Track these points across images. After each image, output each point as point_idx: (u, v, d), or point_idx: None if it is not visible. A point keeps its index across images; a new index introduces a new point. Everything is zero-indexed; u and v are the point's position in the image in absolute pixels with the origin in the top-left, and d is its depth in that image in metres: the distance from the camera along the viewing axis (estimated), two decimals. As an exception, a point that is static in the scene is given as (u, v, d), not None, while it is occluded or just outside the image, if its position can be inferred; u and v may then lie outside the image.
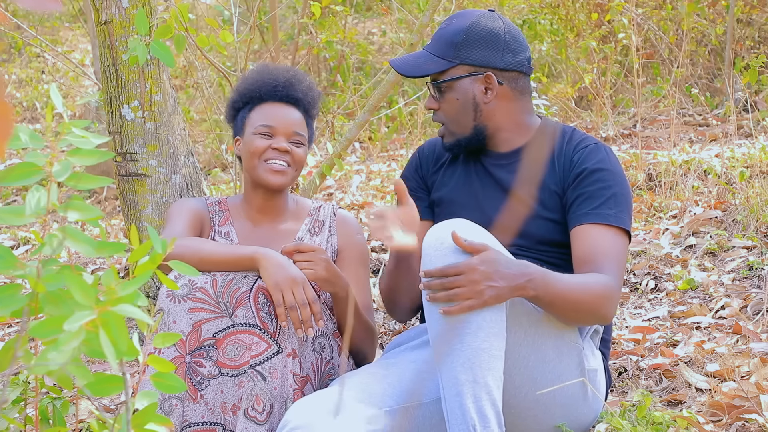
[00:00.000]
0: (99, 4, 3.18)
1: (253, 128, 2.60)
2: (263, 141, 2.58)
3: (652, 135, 5.47)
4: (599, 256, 2.35)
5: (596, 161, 2.45)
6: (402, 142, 6.19)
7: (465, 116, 2.50)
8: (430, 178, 2.64)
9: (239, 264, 2.40)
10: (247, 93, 2.66)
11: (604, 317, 2.31)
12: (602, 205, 2.40)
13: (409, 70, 2.53)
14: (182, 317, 2.36)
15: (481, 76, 2.47)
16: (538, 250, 2.45)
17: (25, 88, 8.35)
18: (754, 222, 3.76)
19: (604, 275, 2.31)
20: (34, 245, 4.76)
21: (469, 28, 2.47)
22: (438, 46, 2.50)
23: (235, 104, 2.69)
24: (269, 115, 2.61)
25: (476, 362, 2.10)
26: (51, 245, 1.35)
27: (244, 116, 2.65)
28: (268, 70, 2.69)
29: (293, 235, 2.65)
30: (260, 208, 2.65)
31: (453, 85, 2.48)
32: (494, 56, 2.47)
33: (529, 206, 2.49)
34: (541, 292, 2.18)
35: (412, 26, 6.72)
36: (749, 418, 2.44)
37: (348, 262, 2.65)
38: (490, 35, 2.47)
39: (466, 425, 2.08)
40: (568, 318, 2.29)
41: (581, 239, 2.39)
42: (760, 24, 6.70)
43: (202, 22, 7.54)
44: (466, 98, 2.48)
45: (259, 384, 2.33)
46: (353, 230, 2.69)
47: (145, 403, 1.43)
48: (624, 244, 2.40)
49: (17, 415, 2.32)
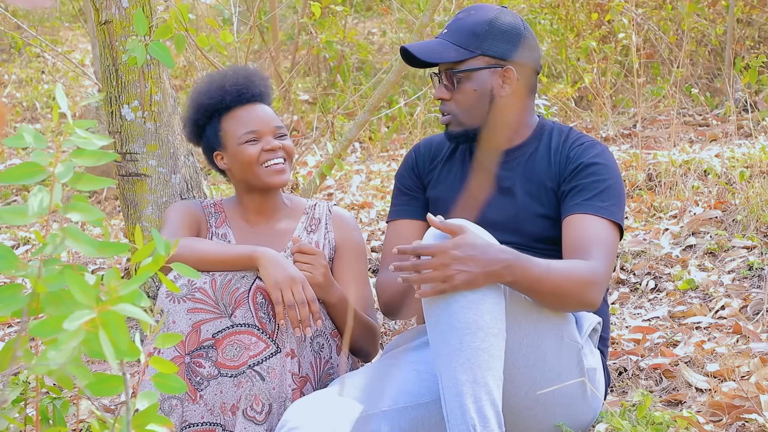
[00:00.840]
0: (99, 4, 3.18)
1: (237, 139, 2.57)
2: (254, 147, 2.56)
3: (652, 135, 5.47)
4: (587, 243, 2.35)
5: (591, 156, 2.47)
6: (402, 142, 6.19)
7: (479, 108, 2.49)
8: (426, 176, 2.63)
9: (238, 263, 2.40)
10: (210, 106, 2.61)
11: (588, 303, 2.30)
12: (595, 197, 2.41)
13: (427, 55, 2.50)
14: (182, 318, 2.36)
15: (500, 69, 2.48)
16: (534, 248, 2.46)
17: (25, 88, 8.35)
18: (754, 222, 3.76)
19: (589, 261, 2.31)
20: (34, 245, 4.76)
21: (492, 20, 2.48)
22: (458, 36, 2.49)
23: (198, 121, 2.64)
24: (246, 120, 2.58)
25: (476, 362, 2.10)
26: (52, 245, 1.35)
27: (216, 130, 2.61)
28: (220, 78, 2.64)
29: (290, 234, 2.65)
30: (256, 209, 2.65)
31: (471, 75, 2.48)
32: (514, 51, 2.47)
33: (525, 204, 2.50)
34: (519, 277, 2.17)
35: (412, 26, 6.72)
36: (749, 418, 2.44)
37: (346, 258, 2.65)
38: (511, 29, 2.48)
39: (466, 425, 2.09)
40: (550, 304, 2.28)
41: (571, 228, 2.41)
42: (760, 24, 6.70)
43: (202, 22, 7.54)
44: (484, 90, 2.48)
45: (257, 384, 2.33)
46: (350, 227, 2.69)
47: (146, 403, 1.43)
48: (614, 235, 2.40)
49: (17, 415, 2.32)
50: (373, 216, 4.73)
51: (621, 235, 2.44)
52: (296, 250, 2.44)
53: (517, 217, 2.50)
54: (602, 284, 2.32)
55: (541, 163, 2.52)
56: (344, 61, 7.13)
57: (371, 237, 4.40)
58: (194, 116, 2.64)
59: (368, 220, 4.70)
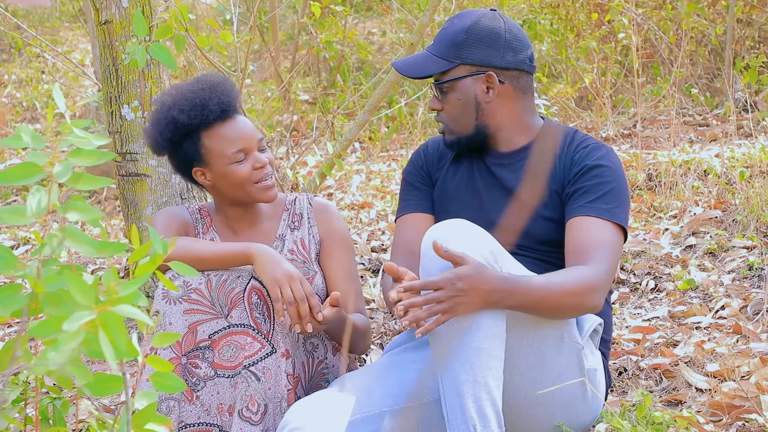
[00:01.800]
0: (99, 4, 3.18)
1: (225, 158, 2.47)
2: (244, 167, 2.48)
3: (652, 135, 5.47)
4: (590, 247, 2.34)
5: (596, 158, 2.46)
6: (402, 142, 6.19)
7: (467, 116, 2.50)
8: (435, 173, 2.64)
9: (233, 260, 2.39)
10: (190, 125, 2.48)
11: (589, 308, 2.30)
12: (599, 200, 2.41)
13: (411, 71, 2.53)
14: (178, 319, 2.36)
15: (482, 75, 2.47)
16: (538, 251, 2.46)
17: (25, 88, 8.35)
18: (754, 222, 3.76)
19: (588, 266, 2.30)
20: (34, 245, 4.76)
21: (470, 27, 2.47)
22: (440, 47, 2.50)
23: (173, 138, 2.49)
24: (232, 138, 2.49)
25: (476, 362, 2.10)
26: (51, 245, 1.35)
27: (196, 147, 2.49)
28: (197, 93, 2.50)
29: (273, 234, 2.63)
30: (239, 218, 2.61)
31: (455, 85, 2.48)
32: (495, 55, 2.47)
33: (530, 206, 2.50)
34: (518, 303, 2.17)
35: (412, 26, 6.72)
36: (749, 418, 2.44)
37: (331, 250, 2.62)
38: (490, 34, 2.47)
39: (466, 425, 2.09)
40: (552, 317, 2.29)
41: (574, 230, 2.40)
42: (760, 24, 6.70)
43: (202, 22, 7.54)
44: (468, 98, 2.48)
45: (253, 384, 2.33)
46: (332, 217, 2.66)
47: (145, 403, 1.43)
48: (617, 238, 2.39)
49: (17, 415, 2.32)
50: (373, 216, 4.73)
51: (625, 237, 2.44)
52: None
53: (521, 219, 2.50)
54: (603, 289, 2.31)
55: (545, 165, 2.52)
56: (344, 61, 7.13)
57: (371, 237, 4.39)
58: (168, 133, 2.49)
59: (368, 220, 4.70)
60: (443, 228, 2.19)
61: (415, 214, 2.60)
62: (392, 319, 3.54)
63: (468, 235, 2.18)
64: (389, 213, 4.70)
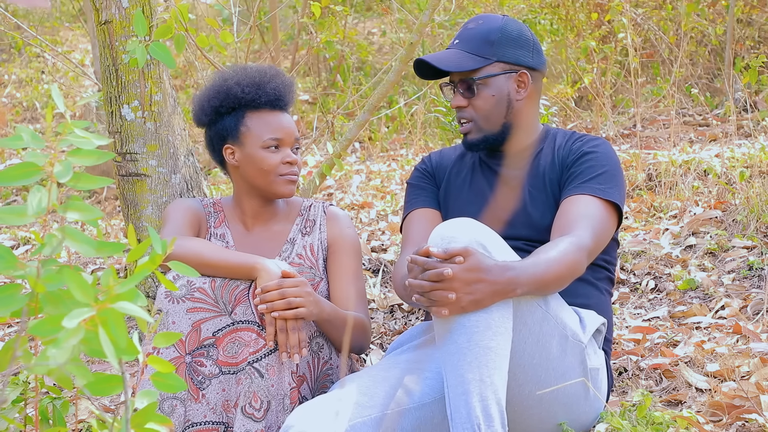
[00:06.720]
0: (99, 4, 3.18)
1: (260, 141, 2.55)
2: (274, 156, 2.55)
3: (652, 135, 5.47)
4: (573, 219, 2.40)
5: (591, 146, 2.55)
6: (402, 142, 6.19)
7: (497, 113, 2.57)
8: (439, 176, 2.71)
9: (240, 271, 2.41)
10: (242, 99, 2.56)
11: (579, 274, 2.34)
12: (591, 180, 2.48)
13: (447, 65, 2.55)
14: (181, 317, 2.37)
15: (515, 74, 2.56)
16: (545, 240, 2.48)
17: (25, 88, 8.35)
18: (754, 222, 3.76)
19: (569, 235, 2.34)
20: (34, 245, 4.76)
21: (503, 27, 2.56)
22: (472, 45, 2.56)
23: (220, 109, 2.58)
24: (274, 125, 2.57)
25: (483, 361, 2.10)
26: (51, 245, 1.35)
27: (237, 123, 2.57)
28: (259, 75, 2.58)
29: (285, 236, 2.65)
30: (254, 213, 2.65)
31: (488, 81, 2.56)
32: (526, 55, 2.57)
33: (533, 198, 2.56)
34: (525, 288, 2.18)
35: (412, 26, 6.72)
36: (749, 418, 2.44)
37: (338, 255, 2.64)
38: (521, 35, 2.58)
39: (470, 424, 2.08)
40: (556, 291, 2.32)
41: (563, 208, 2.46)
42: (760, 24, 6.70)
43: (202, 22, 7.55)
44: (501, 95, 2.56)
45: (256, 381, 2.34)
46: (343, 224, 2.69)
47: (145, 402, 1.43)
48: (606, 213, 2.44)
49: (17, 415, 2.32)
50: (373, 216, 4.73)
51: (620, 218, 2.47)
52: (282, 275, 2.42)
53: (526, 211, 2.54)
54: (590, 253, 2.35)
55: (546, 159, 2.60)
56: (344, 61, 7.13)
57: (371, 237, 4.39)
58: (217, 101, 2.57)
59: (368, 220, 4.70)
60: (449, 226, 2.19)
61: (422, 210, 2.66)
62: (392, 319, 3.55)
63: (474, 232, 2.18)
64: (389, 213, 4.70)
